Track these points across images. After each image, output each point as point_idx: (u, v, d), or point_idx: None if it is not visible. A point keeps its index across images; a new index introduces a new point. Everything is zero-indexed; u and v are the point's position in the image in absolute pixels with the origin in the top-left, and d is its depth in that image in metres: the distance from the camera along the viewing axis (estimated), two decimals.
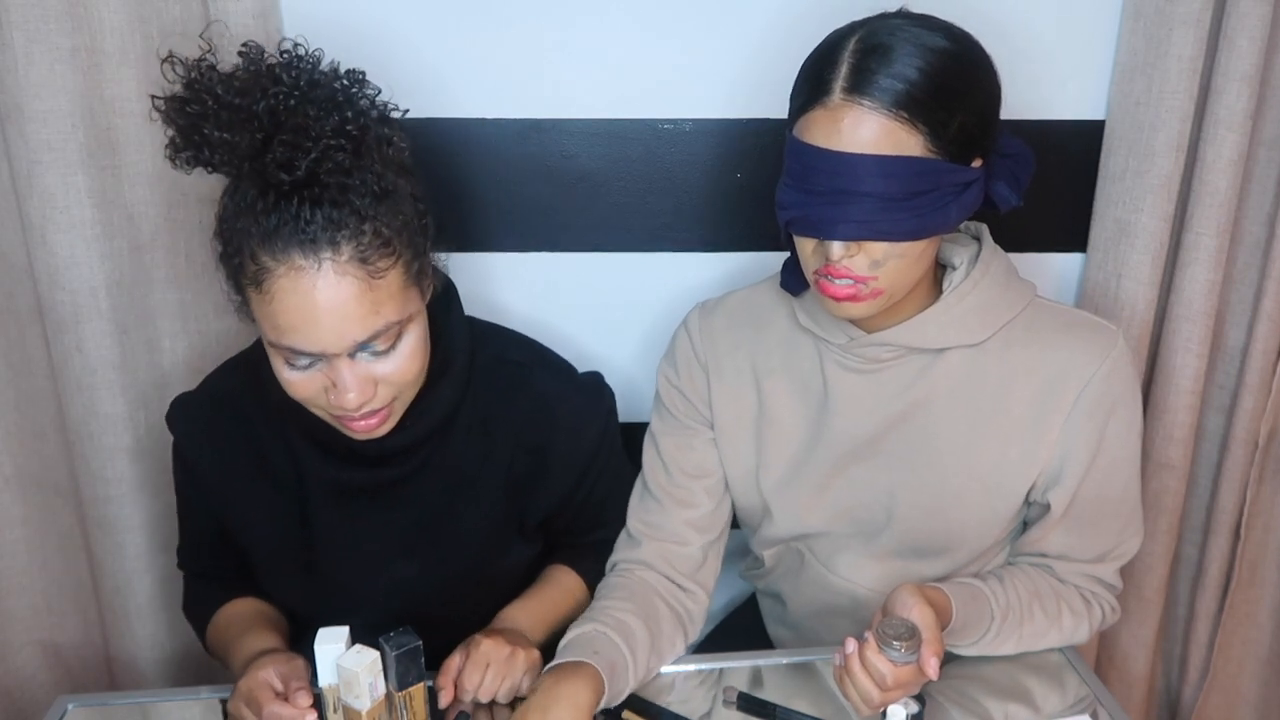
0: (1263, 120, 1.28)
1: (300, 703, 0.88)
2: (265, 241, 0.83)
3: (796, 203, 0.90)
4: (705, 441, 1.12)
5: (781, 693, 1.03)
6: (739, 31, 1.26)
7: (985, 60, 0.89)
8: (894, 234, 0.87)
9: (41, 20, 1.10)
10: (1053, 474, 1.01)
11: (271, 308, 0.85)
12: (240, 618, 1.08)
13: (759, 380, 1.09)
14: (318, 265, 0.83)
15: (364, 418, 0.92)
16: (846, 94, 0.85)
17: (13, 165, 1.16)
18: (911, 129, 0.84)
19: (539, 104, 1.28)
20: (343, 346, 0.86)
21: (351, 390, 0.88)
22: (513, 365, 1.07)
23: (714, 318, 1.11)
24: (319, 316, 0.84)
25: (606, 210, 1.33)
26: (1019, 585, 1.03)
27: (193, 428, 1.06)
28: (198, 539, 1.14)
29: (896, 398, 1.02)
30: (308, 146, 0.81)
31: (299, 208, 0.82)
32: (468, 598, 1.10)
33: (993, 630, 1.00)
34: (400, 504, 1.05)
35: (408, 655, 0.90)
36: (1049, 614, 1.03)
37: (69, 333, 1.22)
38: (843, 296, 0.91)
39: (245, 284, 0.87)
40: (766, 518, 1.12)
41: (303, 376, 0.90)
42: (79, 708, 1.03)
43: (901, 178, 0.85)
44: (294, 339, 0.86)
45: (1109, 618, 1.08)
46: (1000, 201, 0.95)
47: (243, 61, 0.85)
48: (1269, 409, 1.35)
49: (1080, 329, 1.00)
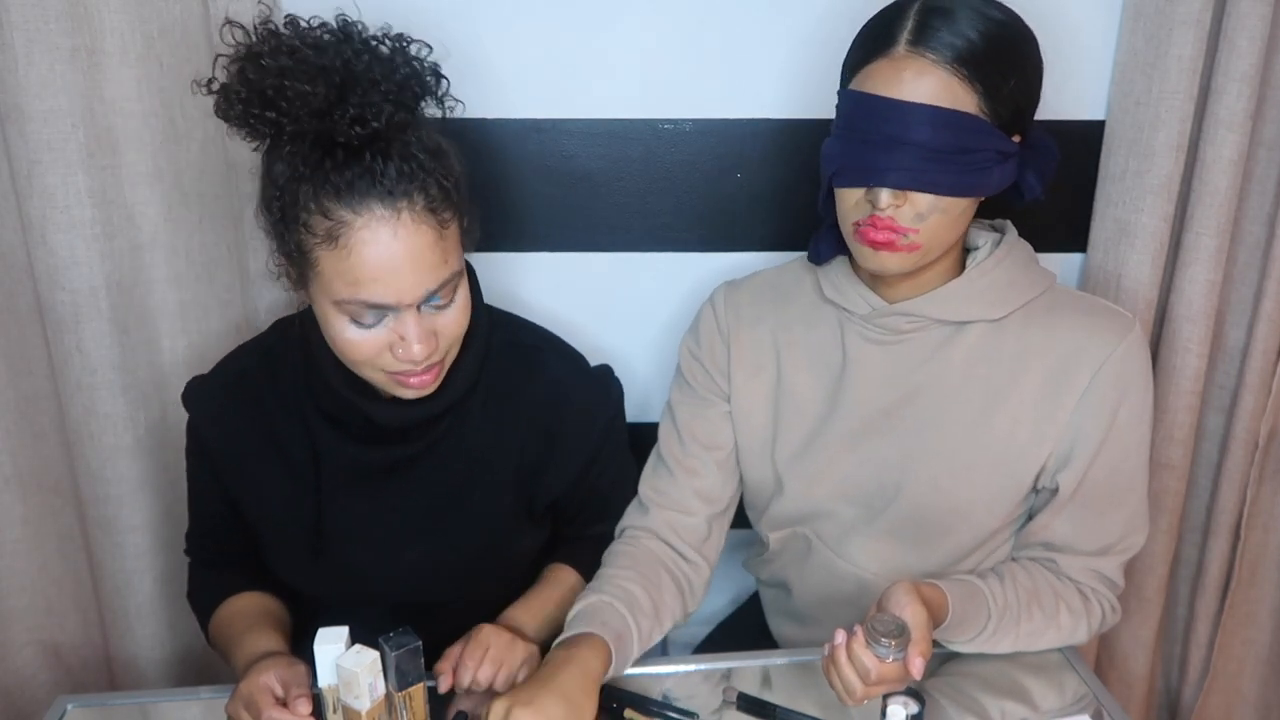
0: (1263, 120, 1.28)
1: (300, 710, 0.88)
2: (341, 196, 0.85)
3: (846, 152, 0.94)
4: (720, 414, 1.14)
5: (782, 693, 1.03)
6: (739, 32, 1.26)
7: (1033, 38, 0.95)
8: (940, 187, 0.91)
9: (41, 20, 1.10)
10: (1063, 455, 1.02)
11: (350, 261, 0.86)
12: (244, 614, 1.08)
13: (779, 352, 1.11)
14: (397, 215, 0.86)
15: (423, 373, 0.94)
16: (911, 46, 0.90)
17: (13, 165, 1.16)
18: (969, 87, 0.89)
19: (539, 104, 1.28)
20: (417, 296, 0.89)
21: (419, 342, 0.90)
22: (527, 349, 1.10)
23: (739, 292, 1.15)
24: (400, 266, 0.87)
25: (606, 210, 1.33)
26: (1018, 583, 1.03)
27: (208, 407, 1.07)
28: (207, 523, 1.15)
29: (914, 371, 1.04)
30: (378, 103, 0.84)
31: (372, 161, 0.85)
32: (475, 583, 1.11)
33: (989, 628, 1.00)
34: (413, 485, 1.06)
35: (407, 655, 0.90)
36: (1046, 612, 1.03)
37: (69, 333, 1.22)
38: (882, 242, 0.94)
39: (315, 244, 0.87)
40: (778, 493, 1.13)
41: (368, 335, 0.91)
42: (79, 708, 1.03)
43: (954, 130, 0.90)
44: (372, 290, 0.87)
45: (1109, 618, 1.08)
46: (1027, 190, 0.99)
47: (289, 29, 0.87)
48: (1269, 409, 1.35)
49: (1098, 313, 1.02)
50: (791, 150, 1.31)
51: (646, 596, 1.04)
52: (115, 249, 1.21)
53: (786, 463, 1.11)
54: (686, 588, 1.12)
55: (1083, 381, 1.00)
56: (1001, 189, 0.97)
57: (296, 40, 0.84)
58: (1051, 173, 1.01)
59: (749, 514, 1.21)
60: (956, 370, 1.03)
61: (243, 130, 0.87)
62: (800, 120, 1.30)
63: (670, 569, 1.10)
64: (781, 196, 1.34)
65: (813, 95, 1.28)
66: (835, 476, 1.09)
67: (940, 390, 1.04)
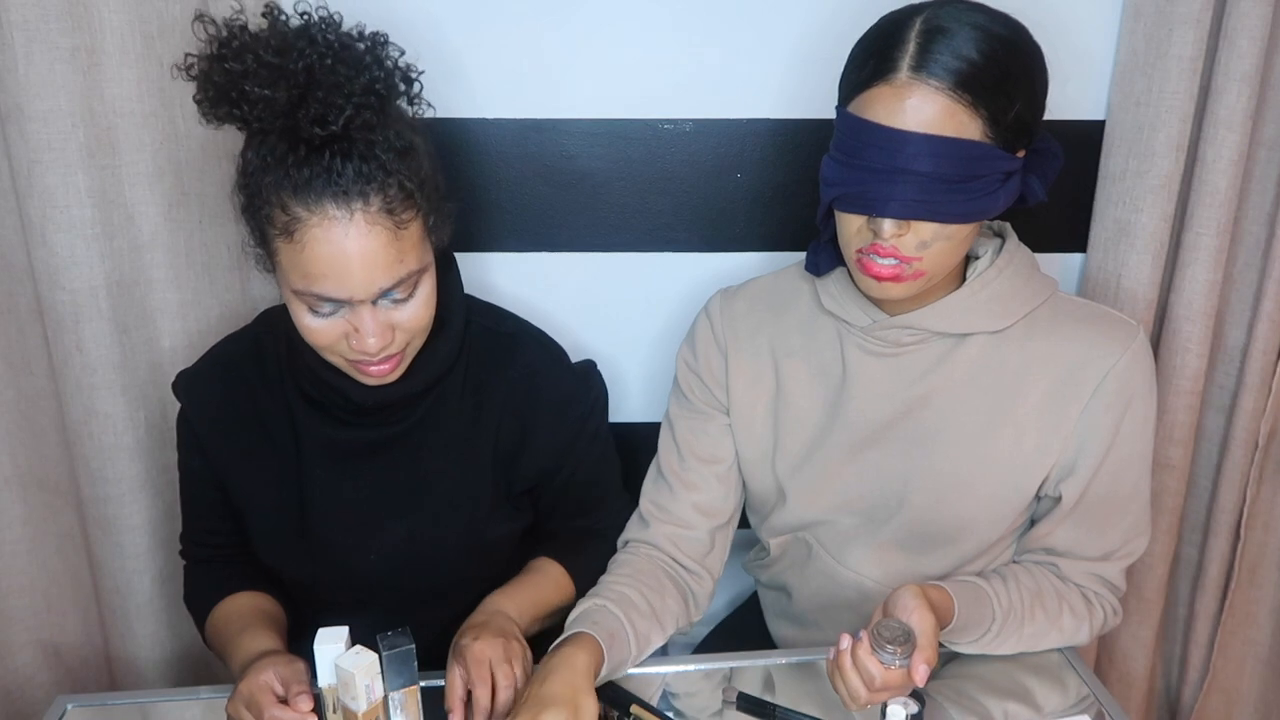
0: (1263, 120, 1.28)
1: (301, 707, 0.88)
2: (298, 193, 0.87)
3: (847, 180, 0.91)
4: (719, 427, 1.13)
5: (782, 693, 1.03)
6: (739, 32, 1.26)
7: (1038, 51, 0.92)
8: (945, 215, 0.89)
9: (41, 20, 1.10)
10: (1066, 465, 1.02)
11: (303, 256, 0.89)
12: (240, 614, 1.08)
13: (778, 363, 1.10)
14: (350, 215, 0.88)
15: (380, 363, 0.97)
16: (914, 72, 0.87)
17: (13, 165, 1.16)
18: (973, 113, 0.87)
19: (539, 104, 1.28)
20: (370, 293, 0.91)
21: (373, 335, 0.93)
22: (505, 336, 1.12)
23: (735, 301, 1.13)
24: (350, 264, 0.89)
25: (606, 210, 1.33)
26: (1022, 585, 1.03)
27: (198, 395, 1.10)
28: (200, 519, 1.16)
29: (915, 383, 1.03)
30: (340, 104, 0.85)
31: (330, 161, 0.87)
32: (455, 567, 1.11)
33: (993, 630, 1.00)
34: (393, 466, 1.08)
35: (399, 657, 0.89)
36: (1050, 614, 1.03)
37: (69, 333, 1.22)
38: (886, 276, 0.93)
39: (274, 234, 0.90)
40: (780, 502, 1.13)
41: (325, 323, 0.94)
42: (78, 708, 1.03)
43: (958, 160, 0.87)
44: (324, 286, 0.90)
45: (1110, 621, 1.08)
46: (1031, 195, 0.97)
47: (267, 22, 0.88)
48: (1269, 409, 1.35)
49: (1101, 322, 1.01)
50: (791, 150, 1.31)
51: (643, 599, 1.04)
52: (115, 249, 1.21)
53: (788, 474, 1.10)
54: (689, 594, 1.12)
55: (1086, 392, 0.99)
56: (1010, 204, 0.95)
57: (260, 43, 0.85)
58: (1055, 173, 1.00)
59: (750, 519, 1.21)
60: (958, 383, 1.02)
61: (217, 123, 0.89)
62: (800, 120, 1.30)
63: (672, 576, 1.10)
64: (781, 197, 1.33)
65: (812, 95, 1.28)
66: (837, 488, 1.08)
67: (942, 403, 1.03)
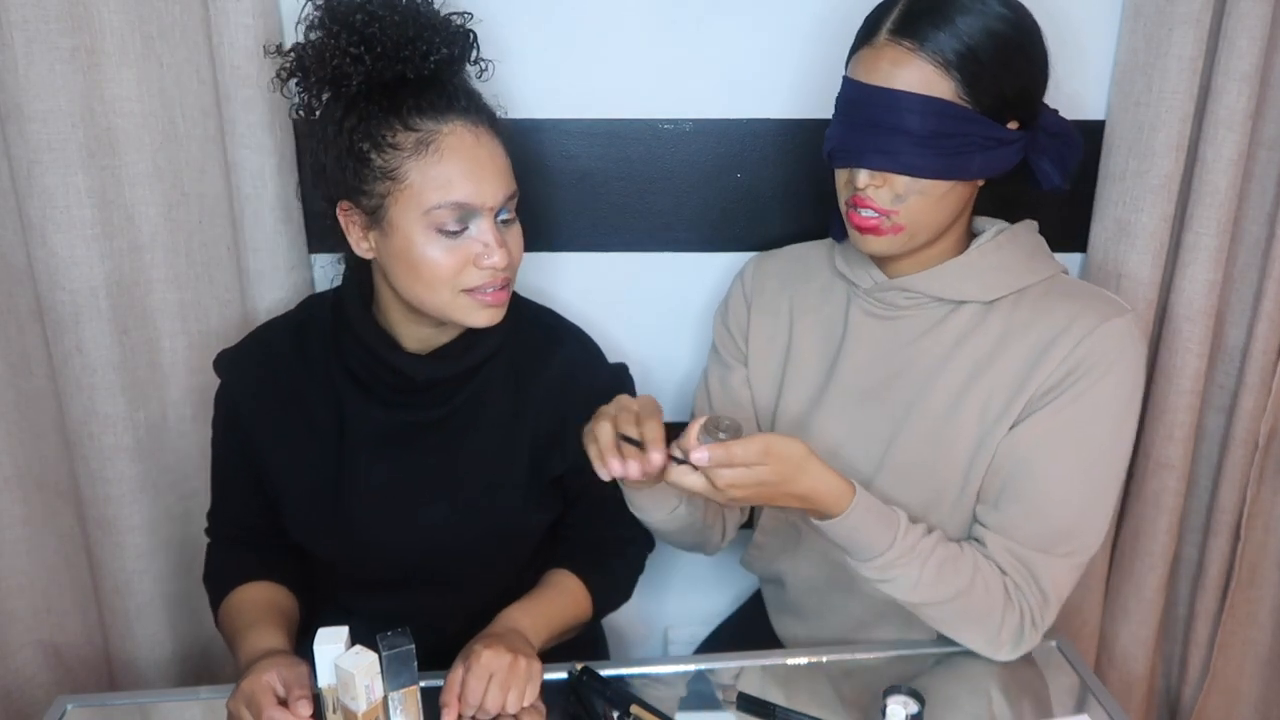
0: (1263, 120, 1.28)
1: (300, 711, 0.88)
2: (425, 112, 0.96)
3: (837, 135, 1.00)
4: (741, 380, 1.19)
5: (782, 693, 1.03)
6: (739, 31, 1.26)
7: (1034, 29, 0.97)
8: (915, 169, 0.95)
9: (41, 20, 1.10)
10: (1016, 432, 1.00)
11: (442, 165, 0.96)
12: (253, 605, 1.09)
13: (794, 320, 1.16)
14: (477, 124, 0.99)
15: (500, 288, 1.01)
16: (891, 34, 0.95)
17: (13, 165, 1.16)
18: (944, 74, 0.93)
19: (539, 104, 1.28)
20: (498, 200, 0.99)
21: (500, 247, 0.98)
22: (547, 329, 1.16)
23: (769, 262, 1.22)
24: (484, 169, 0.98)
25: (606, 210, 1.33)
26: (940, 540, 0.98)
27: (239, 372, 1.11)
28: (230, 499, 1.16)
29: (905, 347, 1.06)
30: (437, 43, 0.96)
31: (446, 84, 0.98)
32: (485, 555, 1.13)
33: (888, 556, 0.95)
34: (433, 449, 1.10)
35: (399, 657, 0.89)
36: (960, 576, 0.97)
37: (69, 333, 1.22)
38: (867, 228, 1.00)
39: (403, 159, 0.95)
40: None
41: (451, 247, 0.98)
42: (78, 708, 1.03)
43: (929, 116, 0.93)
44: (463, 190, 0.96)
45: (1027, 632, 1.00)
46: (1042, 177, 1.01)
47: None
48: (1269, 409, 1.35)
49: (1091, 299, 1.02)
50: (791, 150, 1.31)
51: None
52: (115, 249, 1.21)
53: (786, 430, 1.13)
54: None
55: (1054, 361, 0.98)
56: (992, 175, 0.98)
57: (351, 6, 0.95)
58: (1074, 162, 1.02)
59: None
60: (944, 349, 1.04)
61: (307, 91, 0.98)
62: (800, 120, 1.30)
63: None
64: (781, 196, 1.34)
65: (813, 95, 1.28)
66: (827, 445, 1.09)
67: (925, 368, 1.05)
